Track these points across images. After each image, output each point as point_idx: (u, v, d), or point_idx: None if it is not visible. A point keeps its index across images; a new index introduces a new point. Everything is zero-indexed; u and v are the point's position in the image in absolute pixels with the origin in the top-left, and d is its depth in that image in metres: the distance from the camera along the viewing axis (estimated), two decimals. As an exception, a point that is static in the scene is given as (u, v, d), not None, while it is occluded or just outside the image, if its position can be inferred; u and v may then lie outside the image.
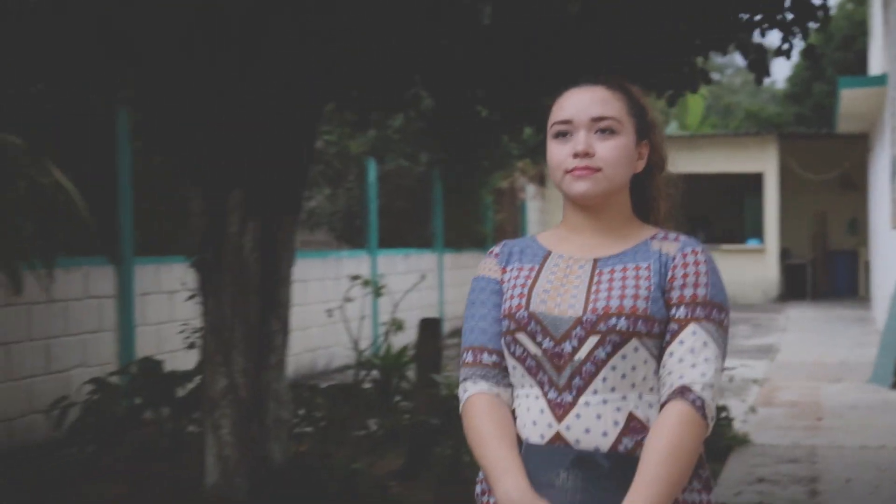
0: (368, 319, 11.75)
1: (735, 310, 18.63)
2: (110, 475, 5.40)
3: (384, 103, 6.14)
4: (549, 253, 2.22)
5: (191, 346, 6.04)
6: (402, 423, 6.79)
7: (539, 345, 2.11)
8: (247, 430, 5.30)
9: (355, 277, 9.11)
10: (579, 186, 2.14)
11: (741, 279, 20.23)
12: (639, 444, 2.05)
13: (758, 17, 5.24)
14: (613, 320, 2.06)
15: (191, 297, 6.03)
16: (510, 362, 2.17)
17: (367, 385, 7.81)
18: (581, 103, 2.17)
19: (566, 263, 2.19)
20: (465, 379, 2.20)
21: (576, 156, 2.13)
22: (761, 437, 7.57)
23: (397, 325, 8.51)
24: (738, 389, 8.90)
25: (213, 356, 5.25)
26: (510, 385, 2.19)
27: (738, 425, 7.72)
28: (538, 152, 7.92)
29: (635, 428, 2.06)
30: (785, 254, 20.87)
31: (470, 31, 4.06)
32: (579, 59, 4.90)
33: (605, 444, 2.05)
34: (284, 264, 5.55)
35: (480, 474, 2.20)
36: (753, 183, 20.61)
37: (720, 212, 21.85)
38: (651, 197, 2.29)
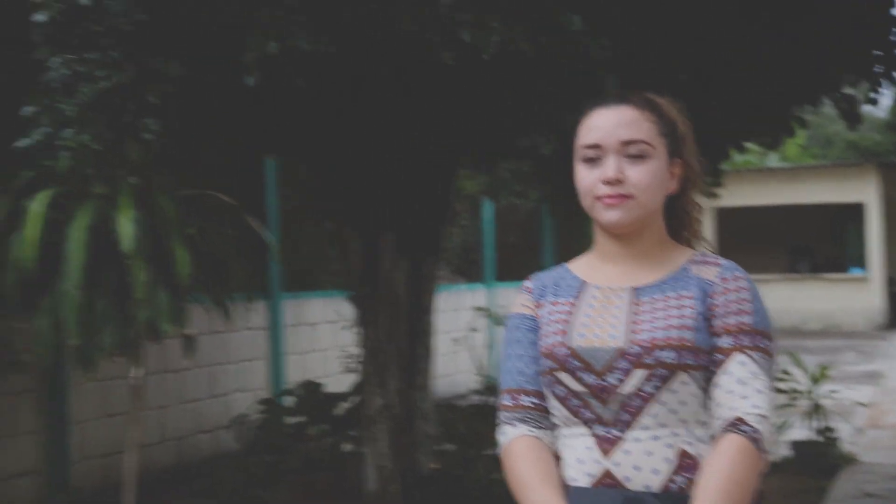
0: (488, 348, 12.44)
1: (840, 337, 18.91)
2: (283, 483, 6.16)
3: (507, 151, 6.85)
4: (584, 284, 2.10)
5: (348, 370, 6.79)
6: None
7: (581, 381, 1.99)
8: (399, 443, 5.99)
9: (480, 309, 9.82)
10: (611, 215, 2.02)
11: (845, 307, 20.44)
12: (692, 482, 1.92)
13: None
14: (659, 352, 1.94)
15: (348, 328, 6.79)
16: (552, 402, 2.05)
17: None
18: (609, 126, 2.03)
19: (603, 294, 2.06)
20: (503, 423, 2.08)
21: (606, 182, 2.01)
22: (869, 457, 7.79)
23: (519, 352, 9.23)
24: (845, 412, 9.09)
25: (370, 378, 5.99)
26: (552, 427, 2.07)
27: (846, 446, 7.93)
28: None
29: (688, 465, 1.94)
30: (891, 282, 21.00)
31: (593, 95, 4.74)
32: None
33: (656, 483, 1.93)
34: (428, 296, 6.27)
35: None
36: (855, 212, 20.76)
37: (822, 241, 22.02)
38: (685, 213, 2.17)
